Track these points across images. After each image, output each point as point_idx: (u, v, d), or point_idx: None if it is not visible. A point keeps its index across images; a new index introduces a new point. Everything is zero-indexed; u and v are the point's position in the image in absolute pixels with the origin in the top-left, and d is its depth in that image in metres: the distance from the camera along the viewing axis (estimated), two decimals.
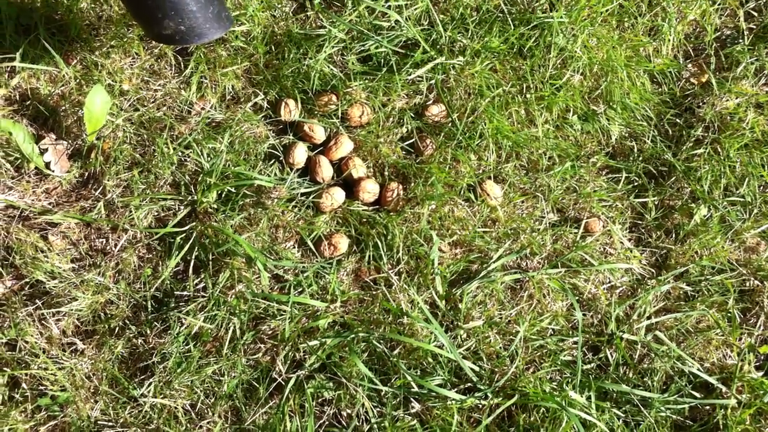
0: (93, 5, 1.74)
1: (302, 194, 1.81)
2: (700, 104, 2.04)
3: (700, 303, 1.89)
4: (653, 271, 1.94)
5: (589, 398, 1.74)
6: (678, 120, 2.03)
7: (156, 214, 1.73)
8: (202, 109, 1.78)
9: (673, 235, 1.97)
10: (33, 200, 1.69)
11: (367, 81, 1.84)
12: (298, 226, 1.78)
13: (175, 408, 1.66)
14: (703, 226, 1.94)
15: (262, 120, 1.82)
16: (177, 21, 1.40)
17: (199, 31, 1.44)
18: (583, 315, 1.83)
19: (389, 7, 1.82)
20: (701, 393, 1.82)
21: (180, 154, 1.73)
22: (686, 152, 1.98)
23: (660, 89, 2.06)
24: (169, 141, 1.72)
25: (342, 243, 1.79)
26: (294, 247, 1.80)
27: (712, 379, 1.82)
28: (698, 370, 1.83)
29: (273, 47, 1.82)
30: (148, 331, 1.69)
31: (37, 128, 1.71)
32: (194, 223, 1.71)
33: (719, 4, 2.07)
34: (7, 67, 1.66)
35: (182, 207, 1.73)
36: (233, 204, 1.73)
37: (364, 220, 1.81)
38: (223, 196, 1.74)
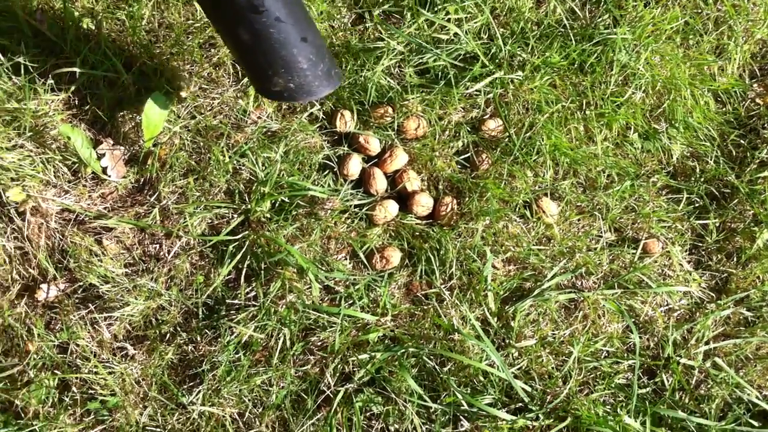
0: (154, 12, 1.82)
1: (355, 206, 1.86)
2: (765, 125, 2.06)
3: (760, 329, 1.90)
4: (713, 295, 1.96)
5: (643, 423, 1.76)
6: (742, 141, 2.06)
7: (210, 221, 1.79)
8: (259, 118, 1.85)
9: (735, 259, 1.99)
10: (88, 204, 1.76)
11: (424, 94, 1.89)
12: (350, 238, 1.83)
13: (223, 417, 1.72)
14: (766, 251, 1.95)
15: (317, 130, 1.88)
16: (287, 78, 1.45)
17: (308, 89, 1.49)
18: (639, 338, 1.86)
19: (449, 20, 1.88)
20: (760, 422, 1.83)
21: (235, 162, 1.79)
22: (750, 174, 2.00)
23: (724, 109, 2.09)
24: (225, 149, 1.78)
25: (394, 256, 1.84)
26: (345, 259, 1.85)
27: None
28: (757, 398, 1.84)
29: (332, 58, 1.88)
30: (199, 339, 1.76)
31: (95, 133, 1.78)
32: (247, 232, 1.77)
33: None
34: (67, 71, 1.74)
35: (236, 215, 1.79)
36: (286, 214, 1.79)
37: (417, 233, 1.86)
38: (276, 205, 1.80)
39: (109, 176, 1.76)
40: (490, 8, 1.93)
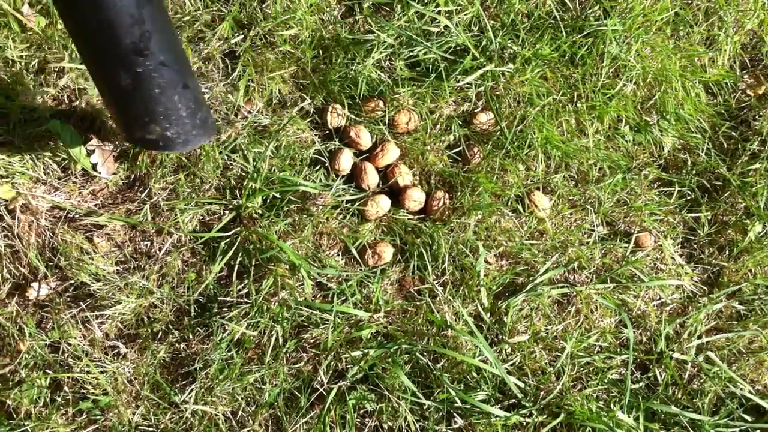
0: None
1: (347, 201, 1.86)
2: (757, 117, 2.08)
3: (752, 323, 1.92)
4: (705, 288, 1.97)
5: (637, 419, 1.77)
6: (733, 133, 2.07)
7: (201, 218, 1.79)
8: (249, 113, 1.84)
9: (727, 252, 2.00)
10: (79, 201, 1.76)
11: (414, 87, 1.89)
12: (342, 233, 1.83)
13: (216, 415, 1.72)
14: (758, 244, 1.97)
15: (308, 125, 1.88)
16: (164, 126, 1.38)
17: (185, 138, 1.42)
18: (632, 332, 1.87)
19: (439, 13, 1.87)
20: (753, 416, 1.85)
21: (226, 158, 1.79)
22: (741, 166, 2.01)
23: (715, 101, 2.10)
24: (216, 145, 1.78)
25: (386, 252, 1.84)
26: (338, 255, 1.85)
27: (764, 402, 1.84)
28: (750, 392, 1.85)
29: (321, 51, 1.87)
30: (191, 337, 1.75)
31: (85, 130, 1.77)
32: (239, 228, 1.77)
33: None
34: (56, 67, 1.73)
35: (227, 212, 1.79)
36: (278, 210, 1.79)
37: (410, 229, 1.87)
38: (268, 201, 1.80)
39: (99, 173, 1.75)
40: (481, 0, 1.92)
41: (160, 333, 1.76)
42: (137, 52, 1.23)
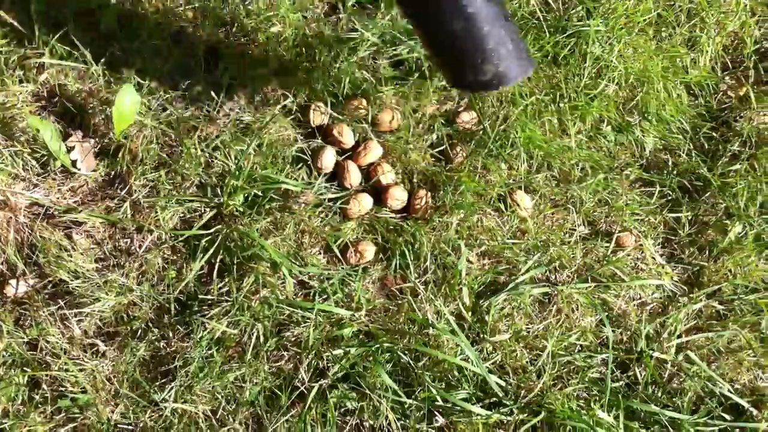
0: (124, 2, 1.80)
1: (330, 200, 1.86)
2: (738, 118, 2.09)
3: (732, 322, 1.93)
4: (685, 288, 1.98)
5: (617, 417, 1.77)
6: (714, 134, 2.08)
7: (182, 215, 1.78)
8: (231, 110, 1.84)
9: (707, 252, 2.01)
10: (58, 198, 1.75)
11: (398, 86, 1.89)
12: (324, 232, 1.83)
13: (196, 414, 1.72)
14: (738, 244, 1.98)
15: (291, 123, 1.87)
16: (495, 64, 1.39)
17: (515, 72, 1.42)
18: (613, 331, 1.87)
19: None
20: (732, 415, 1.86)
21: (207, 155, 1.78)
22: (722, 167, 2.03)
23: (696, 102, 2.11)
24: (197, 142, 1.77)
25: (369, 250, 1.84)
26: (320, 254, 1.85)
27: (743, 402, 1.85)
28: (729, 391, 1.86)
29: (304, 49, 1.87)
30: (171, 335, 1.75)
31: (65, 126, 1.76)
32: (220, 226, 1.76)
33: (759, 16, 2.11)
34: (36, 62, 1.72)
35: (208, 209, 1.78)
36: (259, 207, 1.78)
37: (392, 227, 1.87)
38: (249, 199, 1.79)
39: (79, 169, 1.74)
40: None
41: (139, 331, 1.76)
42: None
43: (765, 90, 2.08)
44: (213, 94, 1.82)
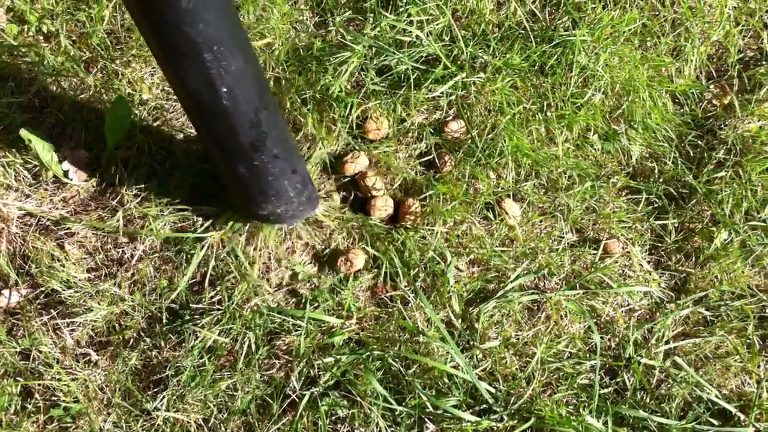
0: (115, 14, 1.82)
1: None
2: (722, 126, 2.12)
3: (719, 328, 1.95)
4: (672, 294, 2.00)
5: (605, 423, 1.79)
6: (699, 142, 2.10)
7: (173, 224, 1.80)
8: None
9: (693, 259, 2.03)
10: (50, 208, 1.76)
11: (386, 97, 1.91)
12: (315, 240, 1.85)
13: (188, 422, 1.73)
14: (724, 251, 2.00)
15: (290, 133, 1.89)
16: (275, 205, 1.61)
17: (293, 213, 1.66)
18: (601, 338, 1.89)
19: (410, 23, 1.90)
20: (719, 420, 1.87)
21: (199, 166, 1.80)
22: (707, 175, 2.05)
23: (682, 110, 2.13)
24: (188, 152, 1.79)
25: (358, 259, 1.86)
26: (310, 262, 1.87)
27: (730, 407, 1.87)
28: (716, 397, 1.88)
29: (294, 60, 1.89)
30: (163, 344, 1.76)
31: (57, 136, 1.78)
32: (211, 234, 1.78)
33: (743, 26, 2.14)
34: (28, 74, 1.73)
35: (200, 218, 1.80)
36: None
37: (381, 236, 1.89)
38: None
39: (71, 180, 1.76)
40: (452, 10, 1.95)
41: (131, 340, 1.77)
42: (254, 148, 1.45)
43: (749, 98, 2.11)
44: None
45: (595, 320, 1.91)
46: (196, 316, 1.76)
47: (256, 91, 1.36)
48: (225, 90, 1.29)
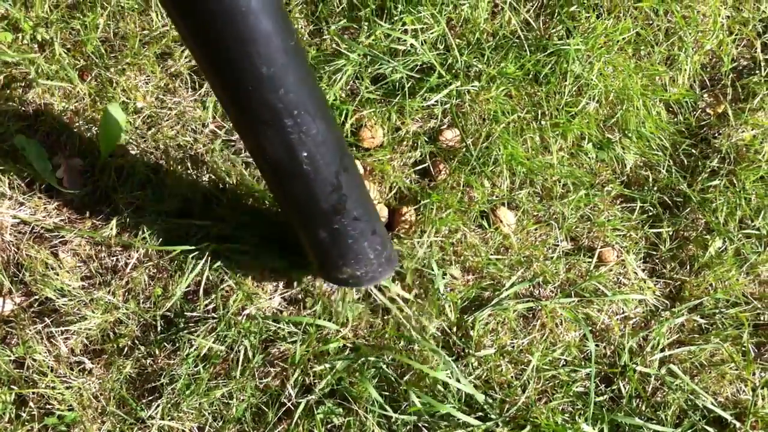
0: (109, 22, 1.82)
1: None
2: (716, 135, 2.12)
3: (714, 336, 1.95)
4: (667, 302, 2.00)
5: (601, 431, 1.79)
6: (693, 150, 2.11)
7: (168, 232, 1.79)
8: (218, 128, 1.86)
9: (688, 267, 2.03)
10: (44, 217, 1.76)
11: (381, 105, 1.91)
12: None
13: (183, 431, 1.72)
14: (718, 259, 2.01)
15: None
16: (355, 268, 1.57)
17: (372, 276, 1.61)
18: (596, 346, 1.89)
19: (405, 32, 1.90)
20: (715, 428, 1.87)
21: (193, 174, 1.80)
22: (701, 183, 2.05)
23: (676, 119, 2.14)
24: (184, 160, 1.79)
25: None
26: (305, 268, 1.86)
27: (726, 414, 1.87)
28: (712, 404, 1.88)
29: None
30: (157, 352, 1.75)
31: (51, 144, 1.77)
32: (206, 244, 1.77)
33: (736, 35, 2.15)
34: (22, 82, 1.73)
35: (195, 228, 1.79)
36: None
37: None
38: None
39: (65, 188, 1.75)
40: (446, 19, 1.96)
41: (126, 348, 1.76)
42: (335, 212, 1.43)
43: (743, 107, 2.12)
44: (199, 112, 1.83)
45: (590, 328, 1.91)
46: (190, 324, 1.76)
47: (336, 154, 1.34)
48: (305, 154, 1.28)
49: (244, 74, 1.11)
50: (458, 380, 1.75)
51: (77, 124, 1.79)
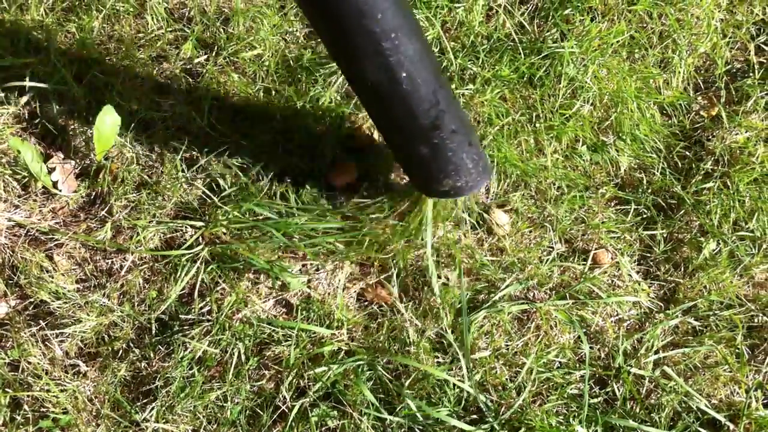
0: (105, 25, 1.80)
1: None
2: (710, 137, 2.10)
3: (708, 338, 1.93)
4: (661, 304, 1.99)
5: None
6: (687, 153, 2.09)
7: (163, 235, 1.77)
8: (212, 130, 1.84)
9: (682, 269, 2.01)
10: (39, 219, 1.74)
11: None
12: (303, 248, 1.82)
13: None
14: (712, 261, 1.99)
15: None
16: (455, 179, 1.60)
17: (472, 185, 1.63)
18: (590, 348, 1.87)
19: None
20: (709, 430, 1.85)
21: (189, 176, 1.78)
22: (695, 185, 2.04)
23: (670, 121, 2.12)
24: (179, 163, 1.77)
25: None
26: (300, 272, 1.84)
27: (720, 416, 1.85)
28: (706, 406, 1.86)
29: (284, 71, 1.88)
30: (152, 355, 1.73)
31: (46, 147, 1.76)
32: (200, 247, 1.75)
33: (730, 38, 2.14)
34: (18, 85, 1.71)
35: (190, 229, 1.77)
36: (242, 228, 1.78)
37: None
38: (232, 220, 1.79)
39: (60, 191, 1.74)
40: (441, 22, 1.94)
41: (120, 351, 1.74)
42: (434, 127, 1.46)
43: (736, 110, 2.10)
44: (194, 114, 1.82)
45: (584, 330, 1.89)
46: (185, 327, 1.74)
47: (432, 72, 1.39)
48: (405, 75, 1.32)
49: (343, 3, 1.19)
50: (458, 381, 1.73)
51: (72, 126, 1.77)
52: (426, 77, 1.36)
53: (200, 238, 1.77)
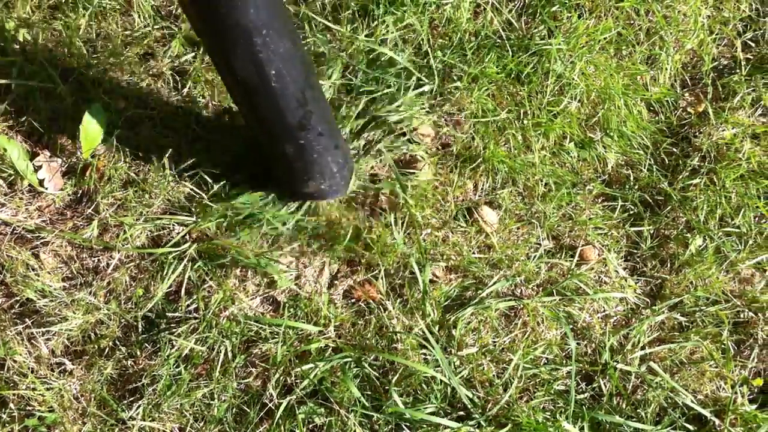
0: (91, 22, 1.78)
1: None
2: (697, 134, 2.10)
3: (694, 334, 1.93)
4: (648, 300, 1.98)
5: (582, 429, 1.76)
6: (674, 149, 2.08)
7: (150, 233, 1.76)
8: (199, 128, 1.82)
9: (668, 265, 2.01)
10: (25, 217, 1.72)
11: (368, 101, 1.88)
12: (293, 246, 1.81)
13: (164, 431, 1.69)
14: (698, 257, 1.98)
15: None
16: (320, 182, 1.65)
17: (336, 189, 1.70)
18: (577, 344, 1.86)
19: (384, 41, 1.87)
20: (695, 425, 1.85)
21: (176, 174, 1.76)
22: (682, 182, 2.03)
23: (657, 118, 2.11)
24: (166, 161, 1.75)
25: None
26: (287, 269, 1.83)
27: (705, 412, 1.84)
28: (692, 402, 1.85)
29: None
30: (139, 353, 1.72)
31: (32, 145, 1.74)
32: (187, 245, 1.74)
33: (717, 35, 2.13)
34: (4, 83, 1.69)
35: (177, 227, 1.76)
36: (233, 227, 1.77)
37: (360, 242, 1.85)
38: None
39: (47, 188, 1.72)
40: (429, 19, 1.93)
41: (107, 349, 1.72)
42: (301, 127, 1.49)
43: (723, 106, 2.10)
44: (181, 112, 1.80)
45: (571, 326, 1.88)
46: (172, 325, 1.72)
47: (302, 71, 1.40)
48: (274, 72, 1.33)
49: None
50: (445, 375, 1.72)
51: (59, 124, 1.75)
52: (296, 76, 1.38)
53: (187, 236, 1.75)
